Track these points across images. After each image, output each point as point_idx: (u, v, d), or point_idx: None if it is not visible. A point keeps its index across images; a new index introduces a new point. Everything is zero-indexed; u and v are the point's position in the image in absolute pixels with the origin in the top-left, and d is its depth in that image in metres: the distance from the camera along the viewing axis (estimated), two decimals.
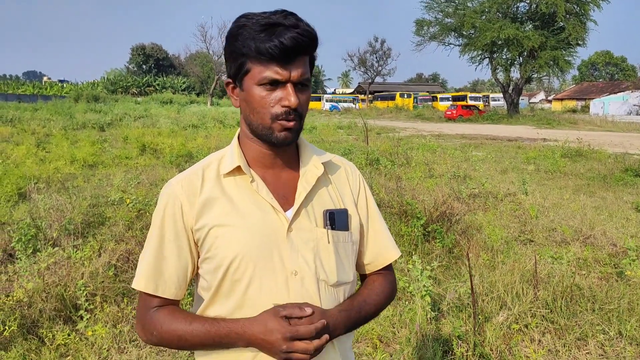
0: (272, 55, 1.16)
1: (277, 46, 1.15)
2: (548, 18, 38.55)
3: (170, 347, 1.26)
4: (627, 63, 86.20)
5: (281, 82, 1.20)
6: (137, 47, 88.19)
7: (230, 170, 1.28)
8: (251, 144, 1.31)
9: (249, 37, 1.18)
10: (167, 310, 1.26)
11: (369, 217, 1.43)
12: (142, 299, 1.29)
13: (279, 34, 1.15)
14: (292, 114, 1.21)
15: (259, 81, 1.20)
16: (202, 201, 1.26)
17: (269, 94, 1.20)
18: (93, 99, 47.94)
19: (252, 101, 1.22)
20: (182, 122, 24.78)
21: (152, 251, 1.28)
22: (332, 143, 16.97)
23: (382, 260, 1.44)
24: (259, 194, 1.27)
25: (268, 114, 1.21)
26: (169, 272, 1.27)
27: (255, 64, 1.20)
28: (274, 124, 1.22)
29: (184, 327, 1.22)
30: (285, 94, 1.20)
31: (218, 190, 1.28)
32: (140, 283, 1.27)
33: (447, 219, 6.18)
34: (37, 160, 11.46)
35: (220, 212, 1.25)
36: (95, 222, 6.29)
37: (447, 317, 4.08)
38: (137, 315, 1.31)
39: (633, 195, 9.21)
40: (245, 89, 1.23)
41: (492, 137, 23.00)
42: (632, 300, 4.23)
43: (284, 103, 1.20)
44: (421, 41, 44.49)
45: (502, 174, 11.62)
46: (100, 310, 3.99)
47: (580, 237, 6.26)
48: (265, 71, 1.19)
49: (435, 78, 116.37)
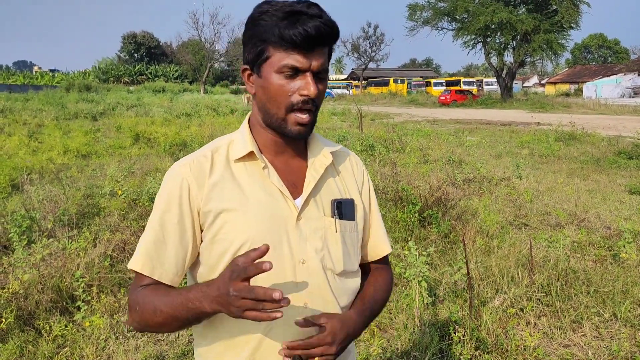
0: (295, 43, 1.15)
1: (301, 33, 1.14)
2: (541, 1, 38.41)
3: (150, 325, 1.20)
4: (620, 46, 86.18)
5: (301, 70, 1.18)
6: (128, 36, 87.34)
7: (242, 155, 1.27)
8: (262, 131, 1.30)
9: (271, 22, 1.16)
10: (153, 287, 1.22)
11: (371, 209, 1.45)
12: (135, 279, 1.26)
13: (303, 22, 1.14)
14: (310, 103, 1.20)
15: (279, 69, 1.18)
16: (212, 184, 1.24)
17: (288, 82, 1.19)
18: (85, 89, 47.49)
19: (270, 89, 1.20)
20: (175, 111, 24.64)
21: (153, 233, 1.24)
22: (327, 130, 16.92)
23: (378, 252, 1.46)
24: (271, 180, 1.26)
25: (285, 102, 1.20)
26: (169, 257, 1.23)
27: (277, 51, 1.18)
28: (288, 116, 1.21)
29: (160, 298, 1.17)
30: (305, 83, 1.19)
31: (228, 175, 1.26)
32: (137, 264, 1.23)
33: (443, 204, 6.20)
34: (30, 151, 11.38)
35: (230, 196, 1.23)
36: (90, 213, 6.26)
37: (443, 303, 4.11)
38: (128, 298, 1.28)
39: (626, 178, 9.26)
40: (264, 76, 1.21)
41: (486, 122, 23.02)
42: (627, 283, 4.27)
43: (302, 92, 1.19)
44: (414, 26, 44.22)
45: (497, 158, 11.65)
46: (97, 301, 3.99)
47: (575, 221, 6.29)
48: (286, 58, 1.17)
49: (428, 63, 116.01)
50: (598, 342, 3.58)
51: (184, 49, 73.51)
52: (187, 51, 71.66)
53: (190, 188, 1.24)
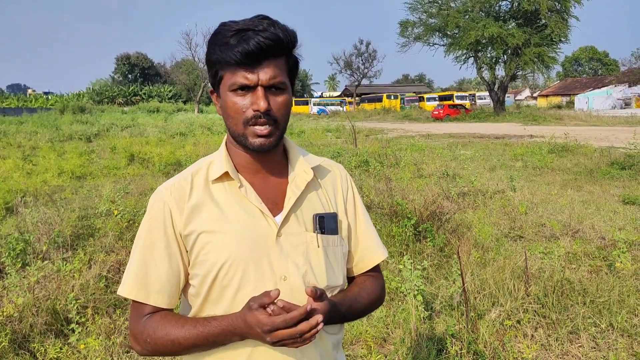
0: (237, 61, 1.17)
1: (239, 52, 1.16)
2: (531, 15, 38.92)
3: (166, 353, 1.24)
4: (609, 58, 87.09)
5: (251, 86, 1.20)
6: (122, 57, 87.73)
7: (218, 176, 1.28)
8: (237, 150, 1.31)
9: (219, 44, 1.19)
10: (159, 316, 1.24)
11: (357, 218, 1.43)
12: (134, 308, 1.27)
13: (245, 39, 1.16)
14: (263, 117, 1.21)
15: (229, 87, 1.21)
16: (191, 207, 1.26)
17: (242, 99, 1.21)
18: (79, 110, 47.55)
19: (227, 107, 1.23)
20: (170, 131, 24.69)
21: (140, 258, 1.26)
22: (321, 146, 16.98)
23: (368, 262, 1.44)
24: (248, 199, 1.27)
25: (241, 118, 1.22)
26: (162, 281, 1.24)
27: (226, 71, 1.21)
28: (246, 130, 1.23)
29: (176, 331, 1.20)
30: (255, 98, 1.20)
31: (207, 196, 1.27)
32: (131, 291, 1.24)
33: (438, 218, 6.21)
34: (24, 174, 11.36)
35: (209, 217, 1.25)
36: (85, 234, 6.24)
37: (440, 316, 4.10)
38: (129, 326, 1.29)
39: (620, 188, 9.30)
40: (222, 96, 1.25)
41: (479, 135, 23.15)
42: (622, 292, 4.27)
43: (253, 107, 1.20)
44: (406, 42, 44.79)
45: (491, 171, 11.69)
46: (92, 323, 3.96)
47: (569, 232, 6.31)
48: (234, 77, 1.20)
49: (421, 79, 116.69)
50: (595, 353, 3.58)
51: (178, 69, 73.73)
52: (180, 71, 71.89)
53: (172, 212, 1.26)
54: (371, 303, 1.41)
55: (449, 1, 42.24)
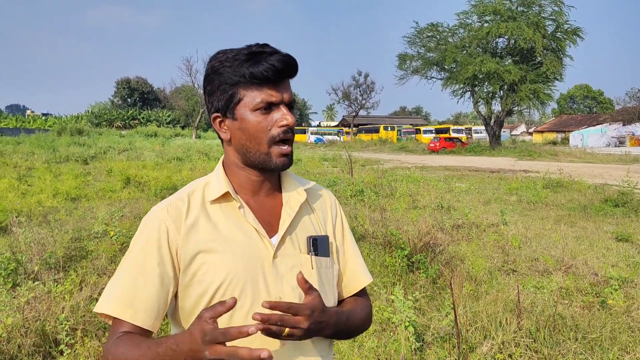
0: (266, 78, 1.21)
1: (270, 68, 1.21)
2: (527, 53, 39.62)
3: None
4: (604, 96, 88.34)
5: (275, 104, 1.25)
6: (122, 81, 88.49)
7: (218, 196, 1.29)
8: (239, 172, 1.33)
9: (237, 66, 1.23)
10: (127, 336, 1.17)
11: (345, 242, 1.46)
12: (112, 326, 1.21)
13: (266, 59, 1.21)
14: (289, 132, 1.27)
15: (254, 106, 1.24)
16: (188, 226, 1.26)
17: (265, 118, 1.25)
18: (77, 132, 47.63)
19: (249, 127, 1.25)
20: (167, 155, 24.73)
21: (130, 276, 1.22)
22: (317, 175, 17.04)
23: (356, 284, 1.45)
24: (247, 220, 1.28)
25: (266, 137, 1.25)
26: (151, 300, 1.21)
27: (248, 90, 1.24)
28: (271, 149, 1.26)
29: (133, 351, 1.13)
30: (282, 114, 1.25)
31: (204, 216, 1.28)
32: (115, 310, 1.19)
33: (431, 249, 6.22)
34: (19, 194, 11.34)
35: (206, 237, 1.25)
36: (77, 256, 6.21)
37: (431, 348, 4.08)
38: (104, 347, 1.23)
39: (613, 225, 9.35)
40: (239, 117, 1.26)
41: (474, 169, 23.28)
42: (614, 329, 4.27)
43: (281, 123, 1.25)
44: (404, 75, 45.40)
45: (485, 204, 11.74)
46: (81, 345, 3.92)
47: (562, 267, 6.32)
48: (260, 95, 1.23)
49: (418, 111, 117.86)
50: None
51: (177, 94, 74.32)
52: (180, 97, 72.45)
53: (169, 231, 1.25)
54: (365, 320, 1.42)
55: (447, 36, 43.00)
